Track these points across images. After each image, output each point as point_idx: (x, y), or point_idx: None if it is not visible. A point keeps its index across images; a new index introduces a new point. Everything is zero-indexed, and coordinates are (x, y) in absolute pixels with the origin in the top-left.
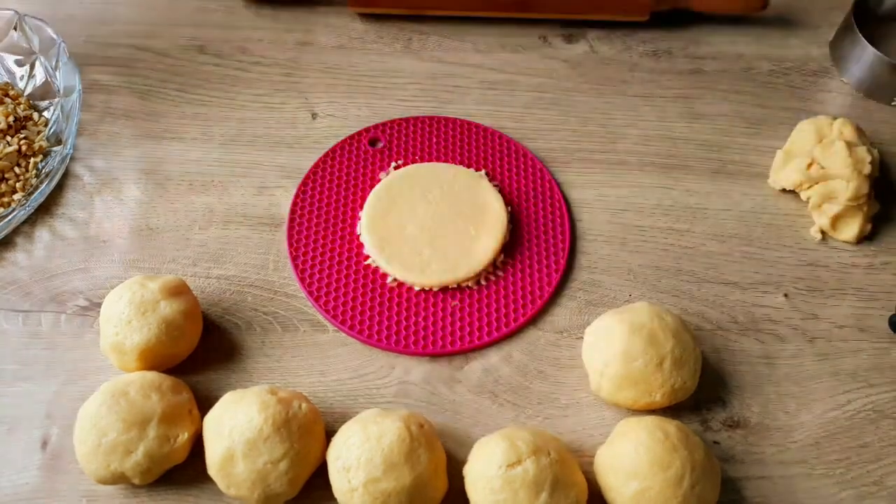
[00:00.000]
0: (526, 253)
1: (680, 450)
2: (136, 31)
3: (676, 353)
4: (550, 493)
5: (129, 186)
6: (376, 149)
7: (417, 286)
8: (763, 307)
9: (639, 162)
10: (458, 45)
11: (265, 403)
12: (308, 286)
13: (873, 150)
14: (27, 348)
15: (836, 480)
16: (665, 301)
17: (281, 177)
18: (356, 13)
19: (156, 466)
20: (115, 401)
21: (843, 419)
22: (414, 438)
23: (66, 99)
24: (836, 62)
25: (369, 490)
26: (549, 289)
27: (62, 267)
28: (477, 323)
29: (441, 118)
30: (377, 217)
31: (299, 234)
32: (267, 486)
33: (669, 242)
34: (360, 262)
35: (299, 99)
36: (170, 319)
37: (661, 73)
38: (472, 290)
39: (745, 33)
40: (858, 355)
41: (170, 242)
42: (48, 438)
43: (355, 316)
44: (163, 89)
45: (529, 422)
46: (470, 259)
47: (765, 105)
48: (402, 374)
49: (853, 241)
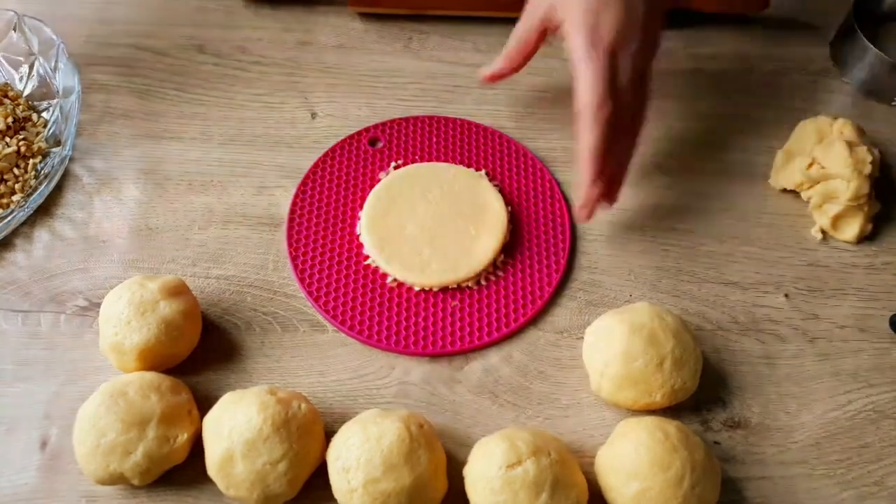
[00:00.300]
0: (526, 253)
1: (680, 450)
2: (136, 31)
3: (677, 354)
4: (551, 493)
5: (128, 186)
6: (376, 149)
7: (417, 286)
8: (763, 307)
9: (639, 162)
10: (458, 45)
11: (264, 404)
12: (308, 286)
13: (874, 150)
14: (26, 348)
15: (836, 481)
16: (665, 301)
17: (281, 177)
18: (356, 13)
19: (155, 467)
20: (114, 401)
21: (843, 419)
22: (414, 439)
23: (65, 99)
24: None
25: (369, 490)
26: (549, 289)
27: (61, 267)
28: (477, 323)
29: (441, 118)
30: (377, 217)
31: (299, 234)
32: (266, 486)
33: (669, 242)
34: (360, 262)
35: (299, 98)
36: (169, 319)
37: (661, 73)
38: (473, 290)
39: (746, 33)
40: (859, 355)
41: (169, 242)
42: (47, 439)
43: (355, 316)
44: (162, 89)
45: (529, 422)
46: (470, 259)
47: (765, 105)
48: (401, 374)
49: (854, 241)
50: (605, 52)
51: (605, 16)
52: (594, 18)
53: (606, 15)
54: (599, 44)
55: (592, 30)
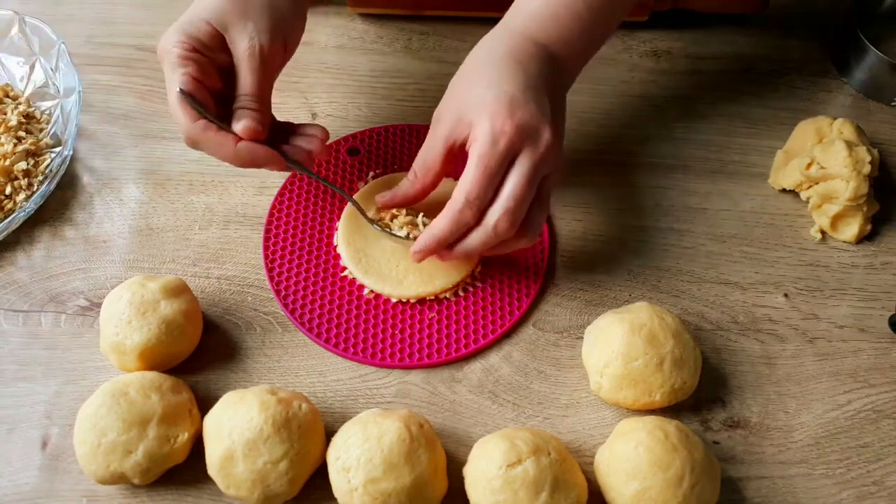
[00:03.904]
0: (504, 264)
1: (680, 450)
2: (136, 31)
3: (676, 353)
4: (550, 493)
5: (128, 186)
6: (355, 158)
7: (394, 298)
8: (763, 307)
9: (639, 162)
10: (458, 45)
11: (265, 403)
12: (284, 298)
13: (873, 150)
14: (27, 348)
15: (836, 480)
16: (665, 301)
17: (281, 177)
18: (356, 13)
19: (156, 466)
20: (114, 401)
21: (843, 419)
22: (414, 438)
23: (65, 100)
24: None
25: (369, 490)
26: (527, 300)
27: (62, 267)
28: (454, 335)
29: (421, 126)
30: (354, 228)
31: (275, 245)
32: (267, 486)
33: (669, 242)
34: (337, 273)
35: (299, 99)
36: (170, 319)
37: (661, 73)
38: (450, 301)
39: (745, 33)
40: (859, 355)
41: (169, 242)
42: (48, 439)
43: (331, 329)
44: (162, 89)
45: (529, 422)
46: (447, 271)
47: (765, 105)
48: (401, 374)
49: (853, 241)
50: (503, 154)
51: (518, 112)
52: (504, 111)
53: (518, 111)
54: (501, 140)
55: (499, 123)
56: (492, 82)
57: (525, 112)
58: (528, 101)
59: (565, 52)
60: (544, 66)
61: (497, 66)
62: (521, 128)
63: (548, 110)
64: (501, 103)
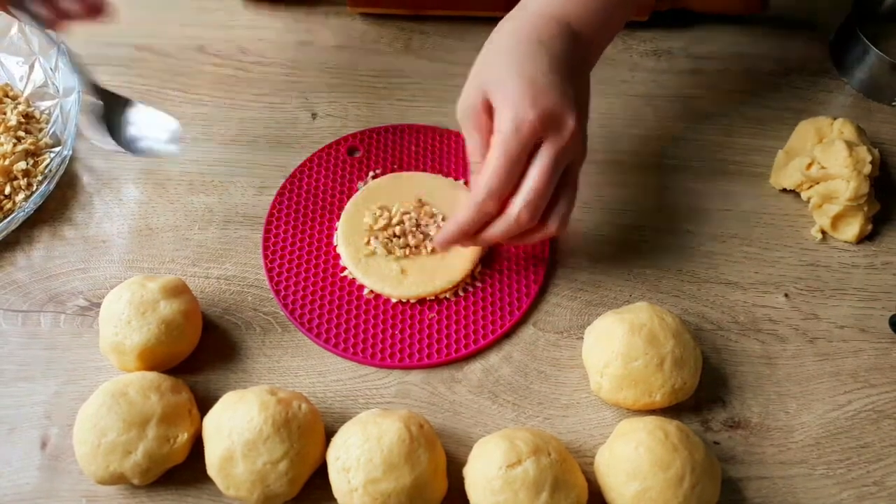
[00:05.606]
0: (505, 264)
1: (680, 450)
2: (136, 31)
3: (676, 354)
4: (551, 493)
5: (128, 186)
6: (354, 158)
7: (394, 298)
8: (763, 307)
9: (639, 162)
10: (458, 45)
11: (265, 404)
12: (284, 298)
13: (873, 150)
14: (27, 348)
15: (836, 481)
16: (665, 301)
17: (281, 177)
18: (356, 13)
19: (155, 467)
20: (114, 401)
21: (843, 419)
22: (414, 439)
23: (65, 99)
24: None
25: (369, 490)
26: (527, 300)
27: (62, 267)
28: (454, 335)
29: (420, 126)
30: (353, 228)
31: (275, 244)
32: (267, 486)
33: (670, 242)
34: (337, 273)
35: (299, 99)
36: (169, 319)
37: (661, 73)
38: (450, 301)
39: (745, 33)
40: (859, 355)
41: (169, 242)
42: (48, 439)
43: (331, 329)
44: (162, 89)
45: (529, 422)
46: (447, 271)
47: (765, 105)
48: (401, 374)
49: (853, 241)
50: (525, 144)
51: (541, 98)
52: (527, 98)
53: (541, 98)
54: (524, 127)
55: (522, 111)
56: (513, 66)
57: (548, 99)
58: (551, 87)
59: (587, 29)
60: (568, 45)
61: (519, 49)
62: (544, 116)
63: (571, 94)
64: (524, 90)
